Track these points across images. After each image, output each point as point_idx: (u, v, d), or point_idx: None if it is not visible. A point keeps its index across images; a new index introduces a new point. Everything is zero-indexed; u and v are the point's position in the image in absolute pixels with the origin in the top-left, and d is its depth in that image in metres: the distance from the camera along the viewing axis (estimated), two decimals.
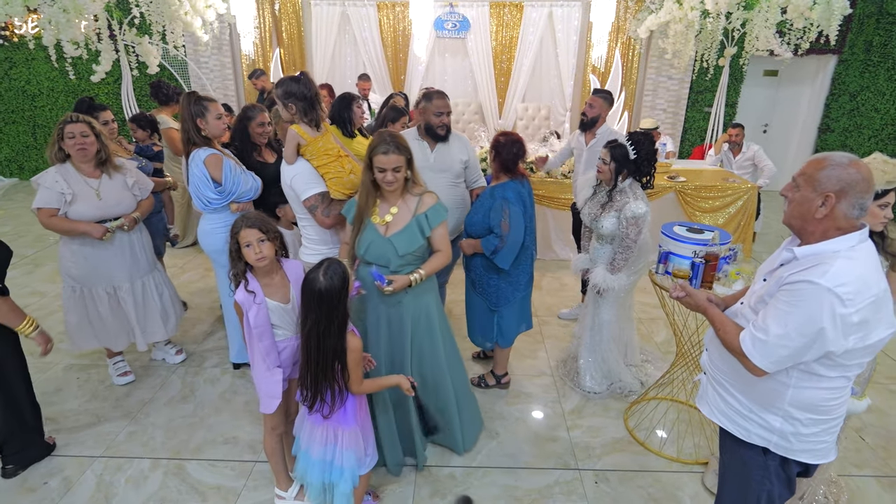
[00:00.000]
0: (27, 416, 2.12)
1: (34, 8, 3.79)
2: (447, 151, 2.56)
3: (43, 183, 2.29)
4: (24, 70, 6.36)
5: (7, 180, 6.75)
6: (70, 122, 2.29)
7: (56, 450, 2.24)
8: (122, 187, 2.43)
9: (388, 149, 1.76)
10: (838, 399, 1.27)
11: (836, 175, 1.16)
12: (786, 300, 1.18)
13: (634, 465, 2.22)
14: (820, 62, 6.30)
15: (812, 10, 4.34)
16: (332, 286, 1.51)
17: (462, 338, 3.18)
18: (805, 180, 1.21)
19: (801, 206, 1.21)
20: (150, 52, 4.72)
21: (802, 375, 1.24)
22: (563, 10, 6.35)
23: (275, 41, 6.36)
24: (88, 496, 2.02)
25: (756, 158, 4.67)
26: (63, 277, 2.47)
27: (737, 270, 2.11)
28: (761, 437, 1.33)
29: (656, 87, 6.08)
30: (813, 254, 1.19)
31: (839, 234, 1.18)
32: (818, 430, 1.28)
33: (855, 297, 1.11)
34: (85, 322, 2.50)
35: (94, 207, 2.34)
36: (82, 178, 2.34)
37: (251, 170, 2.60)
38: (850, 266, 1.13)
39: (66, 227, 2.32)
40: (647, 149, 2.34)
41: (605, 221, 2.39)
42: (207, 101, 2.35)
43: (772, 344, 1.19)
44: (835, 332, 1.13)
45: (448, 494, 2.05)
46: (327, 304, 1.52)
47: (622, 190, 2.38)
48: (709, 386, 1.46)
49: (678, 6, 4.91)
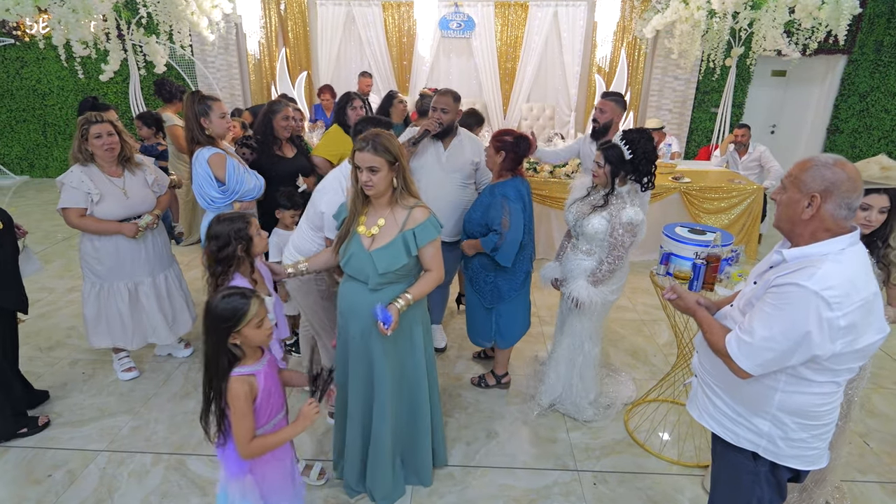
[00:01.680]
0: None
1: (44, 8, 3.85)
2: (460, 151, 2.56)
3: (68, 183, 2.29)
4: (34, 69, 6.45)
5: (18, 178, 6.85)
6: (95, 122, 2.31)
7: (60, 443, 2.28)
8: (143, 184, 2.49)
9: (364, 146, 1.61)
10: (828, 405, 1.24)
11: (821, 175, 1.15)
12: (772, 303, 1.17)
13: (634, 467, 2.21)
14: (829, 62, 6.22)
15: (820, 10, 4.30)
16: (218, 314, 1.34)
17: (463, 338, 3.19)
18: (791, 182, 1.20)
19: (789, 207, 1.20)
20: (157, 52, 4.77)
21: (791, 380, 1.22)
22: (568, 10, 6.33)
23: (280, 41, 6.40)
24: (92, 489, 2.05)
25: (762, 159, 4.63)
26: (84, 273, 2.52)
27: (739, 272, 2.10)
28: (750, 441, 1.31)
29: (662, 88, 6.04)
30: (801, 256, 1.18)
31: (828, 235, 1.17)
32: (807, 435, 1.26)
33: (842, 300, 1.09)
34: (102, 318, 2.54)
35: (121, 206, 2.39)
36: (106, 177, 2.37)
37: (269, 163, 2.65)
38: (838, 269, 1.11)
39: (98, 227, 2.35)
40: (644, 147, 2.14)
41: (592, 220, 2.18)
42: (211, 101, 2.38)
43: (757, 346, 1.18)
44: (821, 336, 1.11)
45: (447, 494, 2.06)
46: (212, 330, 1.35)
47: (620, 195, 2.18)
48: (699, 389, 1.45)
49: (684, 6, 4.88)
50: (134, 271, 2.52)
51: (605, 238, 2.18)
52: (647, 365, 2.98)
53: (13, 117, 6.69)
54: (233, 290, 1.39)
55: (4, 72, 6.47)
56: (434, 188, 2.54)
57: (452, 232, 2.64)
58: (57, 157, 6.91)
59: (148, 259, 2.55)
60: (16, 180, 6.79)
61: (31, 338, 2.48)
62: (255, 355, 1.45)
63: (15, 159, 6.91)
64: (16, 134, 6.78)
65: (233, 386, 1.37)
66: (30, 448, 2.24)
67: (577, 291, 2.23)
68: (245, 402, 1.38)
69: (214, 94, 2.56)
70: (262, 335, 1.41)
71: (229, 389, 1.37)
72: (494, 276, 2.40)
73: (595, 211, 2.19)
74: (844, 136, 6.40)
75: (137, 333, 2.62)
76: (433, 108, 2.48)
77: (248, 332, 1.38)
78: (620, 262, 2.18)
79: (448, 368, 2.89)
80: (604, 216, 2.16)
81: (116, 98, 6.42)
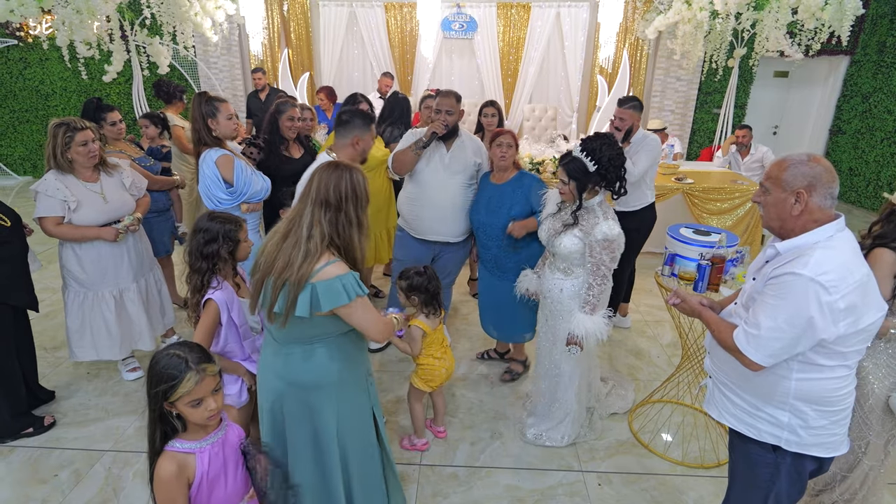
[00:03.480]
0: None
1: (48, 9, 3.86)
2: (462, 152, 2.56)
3: (43, 191, 2.21)
4: (38, 70, 6.47)
5: (21, 178, 6.87)
6: (80, 129, 2.20)
7: (66, 443, 2.28)
8: (121, 187, 2.43)
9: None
10: (843, 389, 1.28)
11: (801, 172, 1.23)
12: (773, 294, 1.23)
13: (638, 468, 2.21)
14: (832, 63, 6.22)
15: (823, 11, 4.30)
16: (154, 373, 1.14)
17: (467, 338, 3.19)
18: (773, 183, 1.27)
19: (777, 207, 1.27)
20: (160, 53, 4.78)
21: (802, 367, 1.26)
22: (570, 11, 6.33)
23: (283, 42, 6.41)
24: (97, 489, 2.05)
25: (765, 160, 4.63)
26: (66, 282, 2.42)
27: (744, 273, 2.09)
28: (772, 434, 1.34)
29: (664, 89, 6.04)
30: (794, 247, 1.25)
31: (816, 225, 1.24)
32: (827, 422, 1.29)
33: (838, 283, 1.15)
34: (87, 330, 2.45)
35: (100, 212, 2.32)
36: (82, 183, 2.29)
37: (275, 163, 2.64)
38: (830, 255, 1.18)
39: (76, 234, 2.28)
40: (609, 153, 1.94)
41: (564, 239, 2.01)
42: (218, 102, 2.38)
43: (764, 337, 1.23)
44: (823, 321, 1.16)
45: (451, 494, 2.06)
46: (149, 389, 1.15)
47: (590, 209, 2.01)
48: (714, 389, 1.48)
49: (687, 7, 4.88)
50: (119, 277, 2.45)
51: (583, 257, 2.03)
52: (650, 366, 2.98)
53: (16, 118, 6.71)
54: (176, 352, 1.15)
55: (8, 72, 6.49)
56: (438, 191, 2.55)
57: (458, 232, 2.64)
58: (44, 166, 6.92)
59: (131, 264, 2.48)
60: (19, 181, 6.81)
61: (35, 338, 2.48)
62: (200, 430, 1.21)
63: (18, 160, 6.93)
64: (19, 135, 6.80)
65: (159, 463, 1.15)
66: (35, 448, 2.25)
67: (581, 328, 1.99)
68: (169, 486, 1.13)
69: (220, 96, 2.57)
70: (198, 416, 1.16)
71: (157, 469, 1.15)
72: (525, 257, 2.45)
73: (566, 230, 2.03)
74: (847, 138, 6.40)
75: (125, 342, 2.54)
76: (437, 110, 2.48)
77: (182, 408, 1.15)
78: (607, 281, 2.02)
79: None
80: (576, 234, 2.00)
81: (119, 99, 6.43)
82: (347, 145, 2.20)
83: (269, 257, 1.36)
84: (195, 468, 1.18)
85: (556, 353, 2.21)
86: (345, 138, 2.20)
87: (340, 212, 1.36)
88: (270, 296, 1.35)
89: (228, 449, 1.26)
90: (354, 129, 2.19)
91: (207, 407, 1.16)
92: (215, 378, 1.18)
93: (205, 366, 1.16)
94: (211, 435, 1.23)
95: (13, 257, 2.19)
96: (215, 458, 1.22)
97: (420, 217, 2.62)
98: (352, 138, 2.19)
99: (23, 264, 2.26)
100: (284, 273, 1.32)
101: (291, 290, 1.32)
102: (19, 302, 2.25)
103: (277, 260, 1.34)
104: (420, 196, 2.59)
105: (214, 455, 1.22)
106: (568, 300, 2.11)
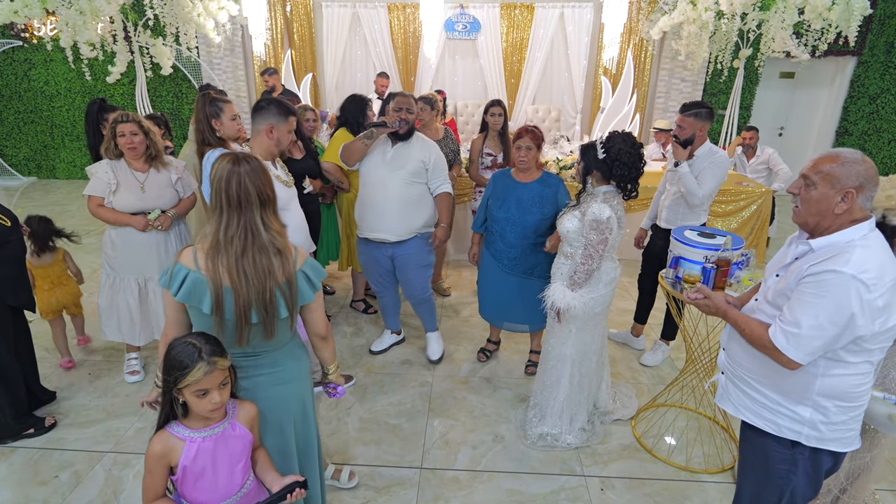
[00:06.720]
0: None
1: (52, 10, 3.87)
2: (407, 150, 2.54)
3: (94, 172, 2.42)
4: (42, 71, 6.51)
5: (25, 179, 6.91)
6: (122, 121, 2.37)
7: (66, 444, 2.28)
8: (166, 183, 2.52)
9: None
10: (864, 385, 1.29)
11: (855, 171, 1.20)
12: (812, 292, 1.21)
13: (641, 473, 2.19)
14: (838, 64, 6.17)
15: (830, 11, 4.26)
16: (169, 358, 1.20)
17: (468, 339, 3.17)
18: (822, 178, 1.23)
19: (820, 203, 1.24)
20: (163, 54, 4.80)
21: (829, 364, 1.26)
22: (574, 12, 6.31)
23: (286, 43, 6.42)
24: (97, 490, 2.05)
25: (771, 162, 4.59)
26: (103, 263, 2.60)
27: (749, 276, 2.07)
28: (792, 429, 1.33)
29: (669, 89, 6.01)
30: (829, 245, 1.24)
31: (852, 225, 1.23)
32: (846, 417, 1.30)
33: (877, 281, 1.16)
34: (113, 310, 2.59)
35: (135, 198, 2.44)
36: (131, 171, 2.45)
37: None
38: (868, 253, 1.18)
39: (112, 217, 2.44)
40: (618, 149, 2.01)
41: (564, 220, 2.15)
42: (223, 102, 2.39)
43: (805, 336, 1.21)
44: (864, 318, 1.17)
45: (452, 498, 2.04)
46: (163, 372, 1.22)
47: (594, 195, 2.10)
48: (729, 384, 1.46)
49: (692, 7, 4.85)
50: (144, 266, 2.55)
51: (579, 238, 2.11)
52: (653, 370, 2.95)
53: (21, 119, 6.75)
54: (192, 341, 1.19)
55: (12, 73, 6.53)
56: (377, 186, 2.54)
57: (401, 231, 2.58)
58: (64, 158, 6.96)
59: (159, 257, 2.56)
60: (23, 181, 6.85)
61: (36, 339, 2.49)
62: (201, 421, 1.24)
63: (22, 160, 6.97)
64: (23, 135, 6.84)
65: (152, 439, 1.23)
66: (36, 449, 2.25)
67: (554, 296, 2.11)
68: (150, 461, 1.21)
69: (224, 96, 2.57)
70: (202, 407, 1.20)
71: (150, 445, 1.23)
72: (543, 254, 2.50)
73: (569, 210, 2.18)
74: (854, 139, 6.34)
75: (145, 329, 2.64)
76: (398, 108, 2.46)
77: (188, 397, 1.20)
78: (593, 262, 2.06)
79: (454, 371, 2.87)
80: (575, 214, 2.11)
81: (123, 100, 6.45)
82: (262, 132, 2.04)
83: (236, 285, 1.27)
84: (180, 455, 1.22)
85: (552, 336, 2.29)
86: (259, 125, 2.05)
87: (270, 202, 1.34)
88: (268, 311, 1.31)
89: (224, 446, 1.26)
90: (270, 116, 2.03)
91: (211, 399, 1.19)
92: (224, 372, 1.21)
93: (216, 359, 1.18)
94: (209, 428, 1.25)
95: (12, 258, 2.20)
96: (203, 452, 1.23)
97: (363, 215, 2.62)
98: (266, 125, 2.03)
99: (21, 265, 2.28)
100: (269, 282, 1.29)
101: (289, 288, 1.34)
102: (19, 302, 2.25)
103: (251, 280, 1.28)
104: (363, 193, 2.60)
105: (204, 448, 1.23)
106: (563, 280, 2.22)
